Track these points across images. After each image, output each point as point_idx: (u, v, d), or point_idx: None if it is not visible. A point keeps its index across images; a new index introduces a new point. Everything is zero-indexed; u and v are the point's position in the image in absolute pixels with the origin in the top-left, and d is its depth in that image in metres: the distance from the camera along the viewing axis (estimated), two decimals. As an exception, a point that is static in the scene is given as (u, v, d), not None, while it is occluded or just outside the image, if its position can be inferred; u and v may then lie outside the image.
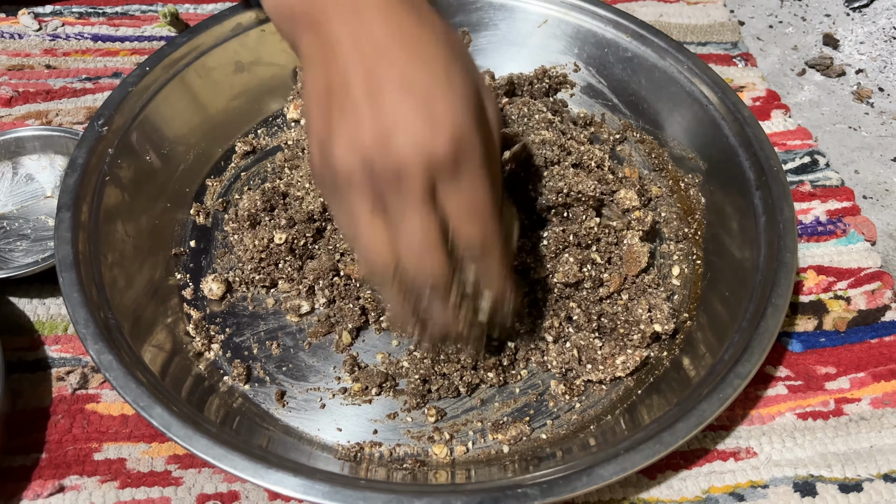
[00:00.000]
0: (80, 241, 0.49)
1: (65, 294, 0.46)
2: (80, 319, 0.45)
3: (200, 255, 0.56)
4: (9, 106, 0.65)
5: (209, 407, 0.47)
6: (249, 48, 0.63)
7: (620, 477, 0.42)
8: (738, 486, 0.47)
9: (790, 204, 0.53)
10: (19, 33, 0.71)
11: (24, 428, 0.48)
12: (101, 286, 0.48)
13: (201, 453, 0.41)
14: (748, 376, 0.46)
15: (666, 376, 0.51)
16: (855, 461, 0.49)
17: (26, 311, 0.53)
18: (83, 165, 0.51)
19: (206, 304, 0.54)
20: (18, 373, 0.50)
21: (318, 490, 0.40)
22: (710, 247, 0.57)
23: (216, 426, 0.44)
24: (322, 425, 0.49)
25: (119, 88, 0.56)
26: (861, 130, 0.70)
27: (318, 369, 0.51)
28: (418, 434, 0.49)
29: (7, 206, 0.58)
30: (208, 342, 0.52)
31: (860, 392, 0.52)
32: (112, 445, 0.47)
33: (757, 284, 0.51)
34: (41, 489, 0.45)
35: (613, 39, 0.65)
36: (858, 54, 0.78)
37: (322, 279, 0.53)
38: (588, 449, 0.46)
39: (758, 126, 0.58)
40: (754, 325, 0.48)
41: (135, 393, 0.43)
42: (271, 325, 0.53)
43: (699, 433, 0.45)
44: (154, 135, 0.57)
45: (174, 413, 0.42)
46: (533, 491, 0.41)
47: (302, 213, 0.53)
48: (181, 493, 0.46)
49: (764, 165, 0.55)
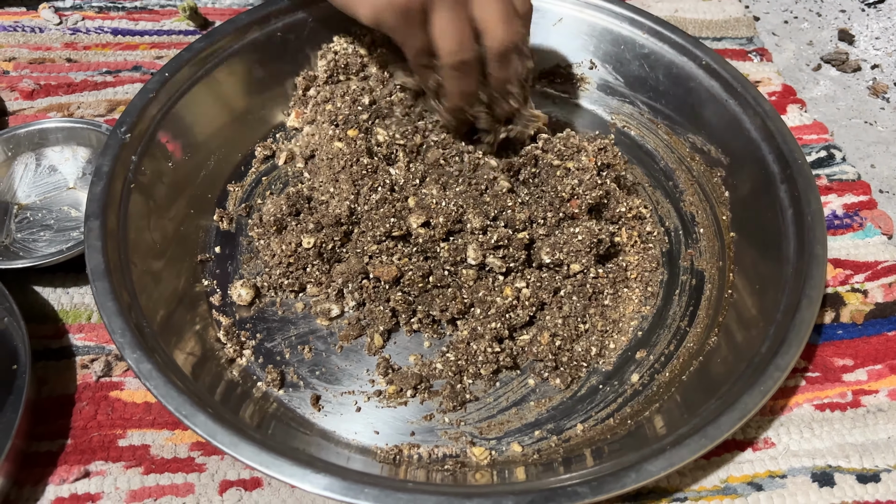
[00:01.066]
0: (110, 250, 0.49)
1: (99, 303, 0.46)
2: (117, 329, 0.45)
3: (226, 261, 0.56)
4: (31, 99, 0.66)
5: (244, 412, 0.47)
6: (263, 53, 0.63)
7: (668, 472, 0.42)
8: (757, 476, 0.48)
9: (817, 196, 0.53)
10: (40, 27, 0.72)
11: (50, 414, 0.48)
12: (133, 294, 0.48)
13: (248, 460, 0.41)
14: (787, 368, 0.46)
15: (701, 371, 0.51)
16: (873, 452, 0.49)
17: (50, 301, 0.54)
18: (108, 173, 0.51)
19: (234, 309, 0.54)
20: (44, 360, 0.51)
21: (369, 494, 0.40)
22: (737, 240, 0.57)
23: (256, 431, 0.44)
24: (359, 428, 0.49)
25: (140, 94, 0.56)
26: (877, 125, 0.70)
27: (351, 372, 0.51)
28: (456, 435, 0.49)
29: (30, 197, 0.58)
30: (240, 348, 0.51)
31: (877, 384, 0.52)
32: (136, 432, 0.48)
33: (789, 277, 0.51)
34: (67, 474, 0.46)
35: (630, 36, 0.65)
36: (874, 49, 0.78)
37: (351, 282, 0.53)
38: (626, 447, 0.46)
39: (779, 119, 0.58)
40: (790, 318, 0.48)
41: (177, 401, 0.43)
42: (302, 330, 0.53)
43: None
44: (175, 140, 0.57)
45: (218, 420, 0.42)
46: (583, 489, 0.41)
47: (329, 216, 0.53)
48: (204, 479, 0.46)
49: (788, 158, 0.55)
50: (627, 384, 0.51)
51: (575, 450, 0.47)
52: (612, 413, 0.50)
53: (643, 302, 0.56)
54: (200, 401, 0.43)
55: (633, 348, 0.53)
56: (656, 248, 0.58)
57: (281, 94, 0.64)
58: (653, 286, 0.56)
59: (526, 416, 0.50)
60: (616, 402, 0.51)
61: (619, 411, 0.50)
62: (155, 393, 0.43)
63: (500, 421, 0.49)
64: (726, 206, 0.59)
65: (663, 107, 0.65)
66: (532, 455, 0.47)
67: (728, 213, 0.59)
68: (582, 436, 0.49)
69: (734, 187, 0.59)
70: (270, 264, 0.54)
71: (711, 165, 0.62)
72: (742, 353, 0.49)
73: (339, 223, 0.53)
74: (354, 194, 0.53)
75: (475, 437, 0.49)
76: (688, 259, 0.58)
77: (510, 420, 0.50)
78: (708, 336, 0.53)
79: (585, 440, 0.48)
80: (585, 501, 0.41)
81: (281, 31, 0.63)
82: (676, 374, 0.52)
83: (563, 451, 0.47)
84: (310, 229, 0.53)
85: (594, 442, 0.48)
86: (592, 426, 0.49)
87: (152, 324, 0.47)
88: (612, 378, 0.52)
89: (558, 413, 0.50)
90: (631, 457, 0.43)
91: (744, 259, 0.56)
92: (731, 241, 0.58)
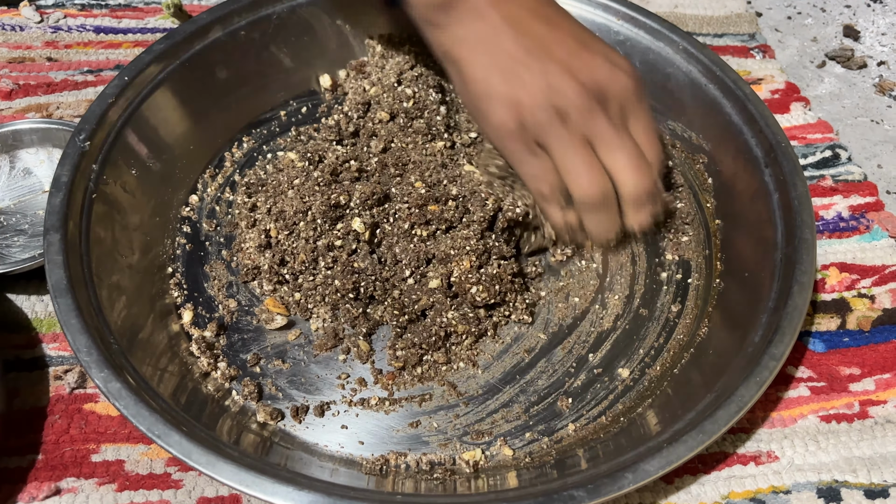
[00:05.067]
0: (73, 264, 0.46)
1: (62, 321, 0.44)
2: (82, 347, 0.43)
3: (196, 270, 0.54)
4: (9, 99, 0.64)
5: (221, 428, 0.45)
6: (228, 56, 0.60)
7: (666, 471, 0.41)
8: (759, 492, 0.46)
9: (803, 179, 0.52)
10: (20, 25, 0.70)
11: (21, 428, 0.46)
12: (99, 309, 0.46)
13: (228, 480, 0.39)
14: (782, 357, 0.45)
15: (693, 363, 0.50)
16: (881, 466, 0.47)
17: (24, 309, 0.52)
18: (68, 184, 0.49)
19: (207, 320, 0.51)
20: (15, 371, 0.49)
21: None
22: (723, 227, 0.56)
23: (235, 449, 0.43)
24: (342, 439, 0.47)
25: (98, 100, 0.53)
26: (884, 124, 0.68)
27: (331, 381, 0.49)
28: (444, 442, 0.47)
29: (4, 201, 0.56)
30: (214, 361, 0.49)
31: (886, 394, 0.50)
32: (110, 447, 0.46)
33: (778, 263, 0.50)
34: (37, 491, 0.44)
35: (603, 23, 0.63)
36: (880, 46, 0.75)
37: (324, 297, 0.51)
38: (620, 446, 0.45)
39: (760, 102, 0.56)
40: (782, 305, 0.47)
41: (149, 421, 0.41)
42: (277, 339, 0.51)
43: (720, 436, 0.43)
44: (138, 147, 0.54)
45: (193, 439, 0.40)
46: (580, 493, 0.40)
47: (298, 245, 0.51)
48: (181, 497, 0.44)
49: (772, 142, 0.54)
50: (618, 380, 0.50)
51: (568, 451, 0.46)
52: (604, 411, 0.48)
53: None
54: (174, 418, 0.42)
55: (622, 342, 0.52)
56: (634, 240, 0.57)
57: (246, 94, 0.62)
58: (637, 285, 0.55)
59: (514, 417, 0.48)
60: (607, 398, 0.49)
61: (610, 408, 0.48)
62: (125, 413, 0.41)
63: (489, 423, 0.48)
64: (710, 193, 0.58)
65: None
66: (524, 458, 0.46)
67: (712, 201, 0.58)
68: (574, 436, 0.47)
69: (717, 174, 0.58)
70: (240, 273, 0.53)
71: (693, 152, 0.60)
72: (734, 343, 0.48)
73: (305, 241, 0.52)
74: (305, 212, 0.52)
75: (464, 441, 0.47)
76: (672, 249, 0.56)
77: (497, 421, 0.48)
78: (698, 327, 0.52)
79: (578, 440, 0.47)
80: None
81: (245, 30, 0.60)
82: (668, 367, 0.50)
83: (555, 453, 0.46)
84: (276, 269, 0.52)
85: (587, 442, 0.46)
86: (584, 425, 0.48)
87: (120, 340, 0.45)
88: (602, 374, 0.50)
89: (549, 413, 0.48)
90: (626, 457, 0.42)
91: (731, 247, 0.55)
92: (716, 228, 0.57)
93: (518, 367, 0.50)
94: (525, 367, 0.50)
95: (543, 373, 0.50)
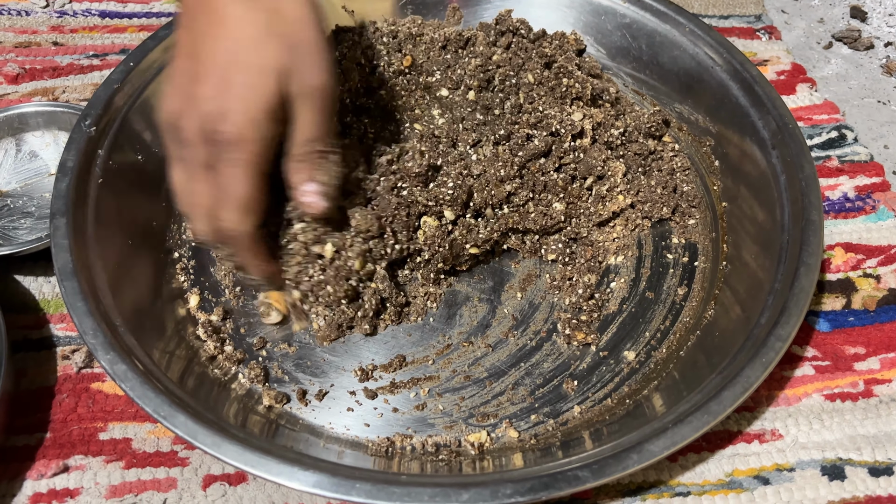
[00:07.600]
0: (79, 248, 0.47)
1: (68, 304, 0.44)
2: (88, 329, 0.43)
3: (202, 254, 0.54)
4: (15, 83, 0.64)
5: (227, 410, 0.45)
6: None
7: (671, 451, 0.40)
8: (763, 469, 0.46)
9: (810, 160, 0.52)
10: (26, 10, 0.70)
11: (29, 407, 0.47)
12: (105, 292, 0.46)
13: (233, 461, 0.39)
14: (789, 338, 0.44)
15: (699, 346, 0.49)
16: (886, 444, 0.47)
17: (31, 290, 0.52)
18: (74, 168, 0.49)
19: (213, 304, 0.52)
20: (23, 351, 0.49)
21: (361, 490, 0.39)
22: (730, 210, 0.56)
23: (241, 430, 0.43)
24: (348, 422, 0.47)
25: (104, 86, 0.53)
26: (891, 104, 0.68)
27: (337, 364, 0.49)
28: (450, 424, 0.47)
29: (11, 184, 0.57)
30: (220, 344, 0.49)
31: (891, 373, 0.50)
32: (118, 425, 0.46)
33: (785, 244, 0.49)
34: (45, 469, 0.44)
35: (609, 6, 0.64)
36: (887, 27, 0.75)
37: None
38: (625, 428, 0.45)
39: (767, 84, 0.56)
40: (788, 286, 0.47)
41: (155, 402, 0.41)
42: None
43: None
44: (144, 131, 0.55)
45: (199, 420, 0.41)
46: (584, 473, 0.40)
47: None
48: (187, 474, 0.45)
49: (778, 123, 0.54)
50: (623, 362, 0.50)
51: (573, 433, 0.46)
52: (610, 393, 0.48)
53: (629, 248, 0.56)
54: (180, 400, 0.42)
55: (628, 325, 0.52)
56: (644, 224, 0.57)
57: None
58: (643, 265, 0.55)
59: (520, 400, 0.48)
60: (613, 381, 0.49)
61: (616, 391, 0.49)
62: (131, 395, 0.41)
63: (494, 405, 0.48)
64: (717, 175, 0.58)
65: (648, 77, 0.63)
66: (529, 440, 0.46)
67: (719, 183, 0.58)
68: (580, 418, 0.47)
69: (724, 156, 0.58)
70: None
71: (700, 135, 0.60)
72: (741, 325, 0.48)
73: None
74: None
75: (469, 423, 0.47)
76: (679, 232, 0.56)
77: (503, 403, 0.48)
78: (704, 310, 0.52)
79: (583, 422, 0.47)
80: (586, 486, 0.39)
81: None
82: (674, 349, 0.50)
83: (560, 435, 0.46)
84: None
85: (592, 424, 0.46)
86: (590, 407, 0.48)
87: (127, 323, 0.45)
88: (608, 357, 0.50)
89: (554, 396, 0.48)
90: (631, 437, 0.42)
91: (737, 229, 0.55)
92: (723, 211, 0.56)
93: (524, 350, 0.50)
94: (531, 350, 0.50)
95: (549, 355, 0.50)
